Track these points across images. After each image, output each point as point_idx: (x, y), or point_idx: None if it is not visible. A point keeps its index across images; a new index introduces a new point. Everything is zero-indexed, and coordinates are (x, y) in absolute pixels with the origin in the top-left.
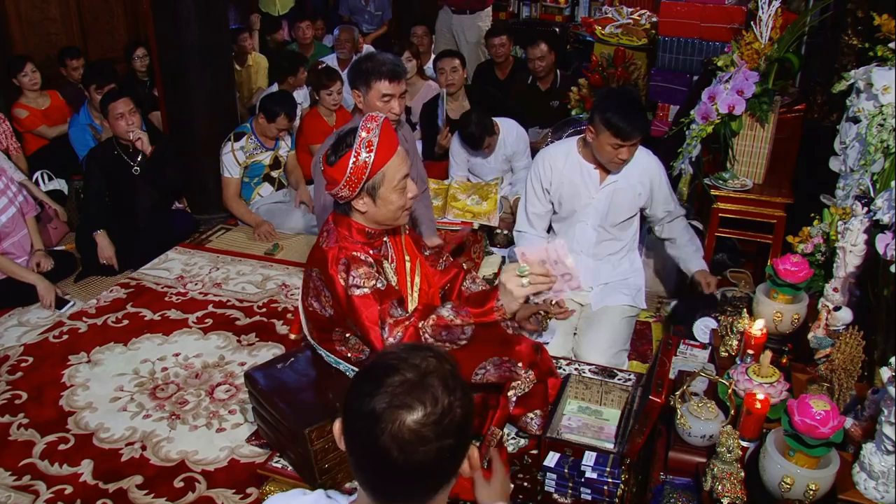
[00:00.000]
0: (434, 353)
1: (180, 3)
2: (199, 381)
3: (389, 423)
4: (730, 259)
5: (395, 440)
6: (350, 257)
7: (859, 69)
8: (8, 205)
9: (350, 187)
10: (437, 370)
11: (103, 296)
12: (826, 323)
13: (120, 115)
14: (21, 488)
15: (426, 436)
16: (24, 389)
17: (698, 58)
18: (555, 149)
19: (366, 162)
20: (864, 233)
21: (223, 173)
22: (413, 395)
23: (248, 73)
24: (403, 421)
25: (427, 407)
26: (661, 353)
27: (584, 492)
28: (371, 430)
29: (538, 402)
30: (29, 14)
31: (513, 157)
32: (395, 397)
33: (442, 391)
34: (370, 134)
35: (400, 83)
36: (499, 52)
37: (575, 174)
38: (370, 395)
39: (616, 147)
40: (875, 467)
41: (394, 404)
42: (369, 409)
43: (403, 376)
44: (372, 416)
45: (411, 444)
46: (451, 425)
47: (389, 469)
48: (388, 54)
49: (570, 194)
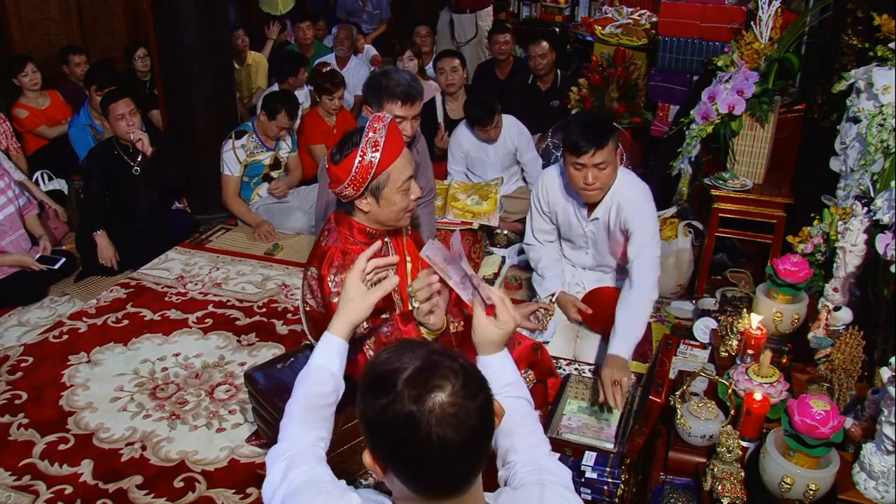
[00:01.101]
0: (412, 341)
1: (180, 3)
2: (199, 381)
3: (431, 413)
4: (730, 259)
5: (446, 423)
6: (344, 263)
7: (859, 69)
8: (7, 203)
9: (354, 186)
10: (430, 347)
11: (103, 296)
12: (826, 323)
13: (120, 116)
14: (21, 488)
15: (466, 403)
16: (24, 389)
17: (698, 58)
18: (552, 176)
19: (371, 161)
20: (864, 233)
21: (223, 171)
22: (432, 378)
23: (248, 72)
24: (441, 402)
25: (451, 379)
26: (661, 353)
27: (584, 492)
28: (417, 431)
29: (538, 401)
30: (29, 14)
31: (518, 151)
32: (419, 389)
33: (449, 360)
34: (377, 134)
35: (413, 105)
36: (502, 50)
37: (567, 207)
38: (392, 403)
39: (578, 167)
40: (875, 467)
41: (422, 395)
42: (402, 414)
43: (411, 369)
44: (410, 419)
45: (459, 418)
46: (476, 380)
47: (451, 455)
48: (406, 73)
49: (565, 223)
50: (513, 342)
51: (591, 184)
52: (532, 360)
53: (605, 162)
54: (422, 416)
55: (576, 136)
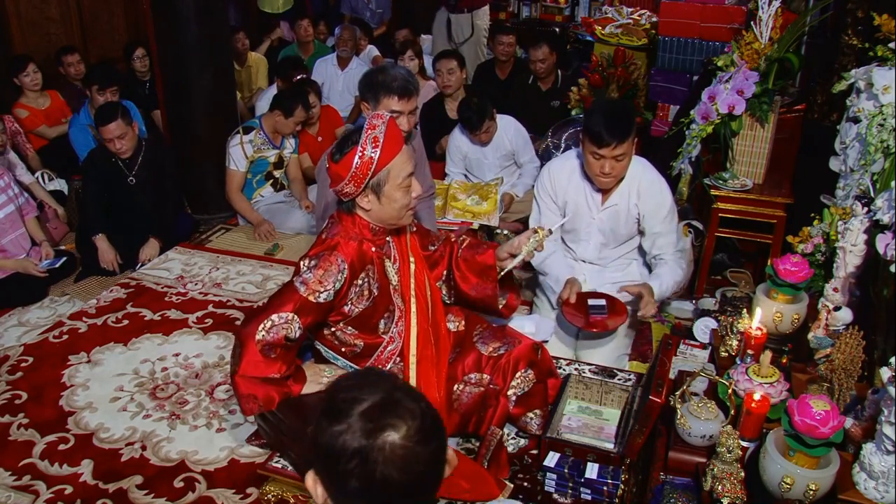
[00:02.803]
0: (378, 372)
1: (180, 3)
2: (199, 381)
3: (380, 451)
4: (730, 259)
5: (392, 464)
6: (331, 258)
7: (859, 69)
8: (7, 202)
9: (355, 183)
10: (394, 383)
11: (103, 296)
12: (826, 323)
13: (110, 140)
14: (21, 488)
15: (417, 448)
16: (24, 389)
17: (698, 58)
18: (559, 165)
19: (371, 158)
20: (864, 233)
21: (229, 165)
22: (388, 416)
23: (248, 73)
24: (393, 443)
25: (407, 420)
26: (661, 353)
27: (584, 492)
28: (364, 466)
29: (538, 401)
30: (29, 14)
31: (515, 153)
32: (373, 424)
33: (409, 400)
34: (376, 130)
35: (410, 100)
36: (505, 51)
37: (578, 194)
38: (344, 432)
39: (596, 157)
40: (875, 467)
41: (375, 432)
42: (353, 446)
43: (370, 402)
44: (360, 453)
45: (407, 461)
46: (432, 426)
47: (394, 494)
48: (402, 68)
49: (573, 212)
50: (513, 341)
51: (607, 173)
52: (532, 360)
53: (624, 154)
54: (370, 452)
55: (599, 126)
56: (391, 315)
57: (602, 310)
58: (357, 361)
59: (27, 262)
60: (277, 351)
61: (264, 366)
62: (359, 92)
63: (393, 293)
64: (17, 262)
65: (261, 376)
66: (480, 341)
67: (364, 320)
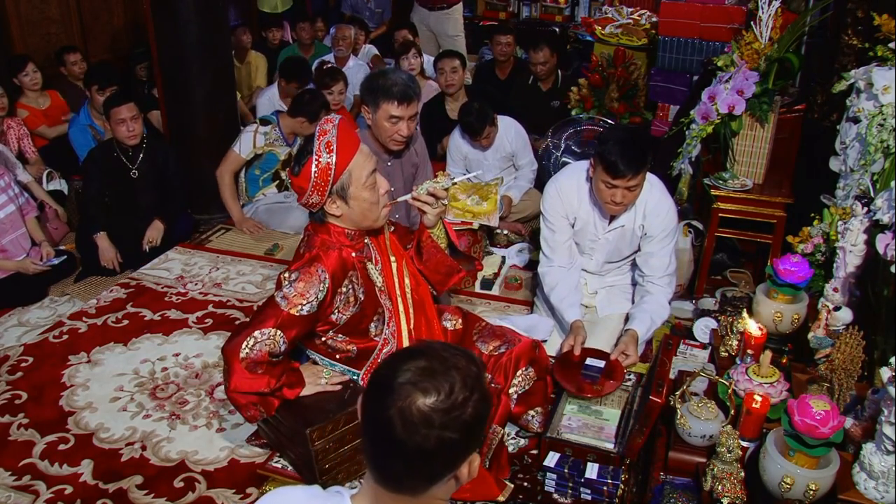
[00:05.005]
0: (465, 354)
1: (180, 3)
2: (199, 381)
3: (401, 398)
4: (730, 259)
5: (402, 416)
6: (311, 270)
7: (859, 69)
8: (7, 202)
9: (318, 192)
10: (463, 368)
11: (103, 296)
12: (826, 323)
13: (122, 121)
14: (21, 488)
15: (431, 421)
16: (24, 389)
17: (698, 58)
18: (567, 183)
19: (329, 164)
20: (864, 233)
21: (233, 146)
22: (432, 380)
23: (248, 71)
24: (415, 401)
25: (441, 395)
26: (661, 353)
27: (584, 492)
28: (382, 400)
29: (539, 399)
30: (29, 14)
31: (514, 155)
32: (415, 376)
33: (460, 386)
34: (328, 136)
35: (410, 106)
36: (504, 51)
37: (586, 213)
38: (395, 369)
39: (608, 186)
40: (875, 467)
41: (411, 382)
42: (390, 381)
43: (429, 362)
44: (388, 388)
45: (414, 425)
46: (459, 420)
47: (388, 443)
48: (404, 73)
49: (579, 230)
50: (512, 339)
51: (619, 202)
52: (532, 357)
53: (637, 185)
54: (395, 395)
55: (615, 156)
56: (381, 317)
57: (596, 373)
58: (353, 365)
59: (27, 263)
60: (263, 367)
61: (252, 381)
62: (360, 95)
63: (380, 294)
64: (18, 264)
65: (251, 391)
66: (480, 340)
67: (354, 326)
